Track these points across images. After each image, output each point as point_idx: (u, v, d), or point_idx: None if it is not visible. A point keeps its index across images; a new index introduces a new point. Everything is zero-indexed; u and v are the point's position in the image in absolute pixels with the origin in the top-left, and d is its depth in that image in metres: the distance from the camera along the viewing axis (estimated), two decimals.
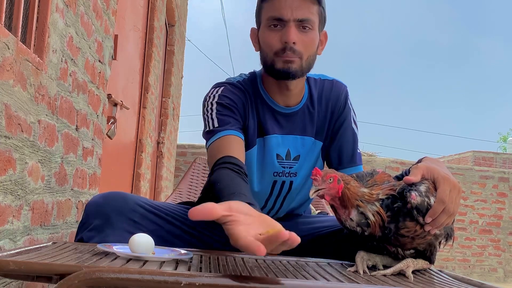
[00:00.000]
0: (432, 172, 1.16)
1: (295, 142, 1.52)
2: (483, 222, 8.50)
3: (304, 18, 1.42)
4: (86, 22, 1.92)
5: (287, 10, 1.41)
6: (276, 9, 1.43)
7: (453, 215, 1.14)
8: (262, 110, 1.51)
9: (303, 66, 1.44)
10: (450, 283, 1.09)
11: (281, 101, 1.51)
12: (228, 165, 1.28)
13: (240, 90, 1.50)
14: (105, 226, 1.33)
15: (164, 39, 4.92)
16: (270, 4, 1.45)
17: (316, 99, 1.55)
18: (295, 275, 1.04)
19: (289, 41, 1.40)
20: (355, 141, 1.57)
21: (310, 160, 1.54)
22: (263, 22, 1.47)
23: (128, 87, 3.28)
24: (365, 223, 1.14)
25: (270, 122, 1.50)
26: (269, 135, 1.50)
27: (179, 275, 0.81)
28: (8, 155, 1.30)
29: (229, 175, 1.25)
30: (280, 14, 1.42)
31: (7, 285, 1.39)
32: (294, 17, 1.41)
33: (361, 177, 1.26)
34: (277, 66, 1.44)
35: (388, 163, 8.28)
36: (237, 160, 1.31)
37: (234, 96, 1.48)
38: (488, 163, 12.48)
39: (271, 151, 1.50)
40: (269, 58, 1.45)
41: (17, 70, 1.33)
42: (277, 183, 1.53)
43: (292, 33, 1.41)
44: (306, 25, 1.43)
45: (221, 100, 1.46)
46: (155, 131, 4.72)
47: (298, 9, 1.42)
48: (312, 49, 1.46)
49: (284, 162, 1.51)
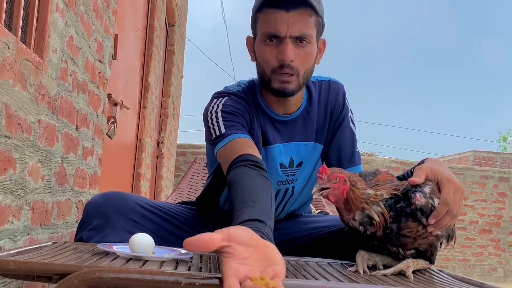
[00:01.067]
0: (436, 173, 1.16)
1: (297, 148, 1.50)
2: (483, 222, 8.49)
3: (301, 33, 1.37)
4: (86, 22, 1.92)
5: (283, 27, 1.36)
6: (272, 25, 1.37)
7: (456, 216, 1.14)
8: (262, 120, 1.48)
9: (300, 82, 1.41)
10: (450, 283, 1.09)
11: (280, 110, 1.48)
12: (246, 163, 1.22)
13: (242, 99, 1.46)
14: (105, 225, 1.33)
15: (164, 39, 4.92)
16: (266, 17, 1.39)
17: (314, 102, 1.53)
18: (295, 275, 1.04)
19: (286, 60, 1.36)
20: (354, 141, 1.56)
21: (311, 163, 1.53)
22: (258, 35, 1.42)
23: (128, 87, 3.28)
24: (368, 222, 1.14)
25: (271, 132, 1.47)
26: (271, 145, 1.47)
27: (179, 275, 0.81)
28: (8, 154, 1.30)
29: (247, 173, 1.19)
30: (276, 31, 1.37)
31: (7, 285, 1.39)
32: (290, 34, 1.36)
33: (364, 177, 1.25)
34: (273, 85, 1.40)
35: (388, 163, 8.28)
36: (254, 156, 1.25)
37: (239, 105, 1.43)
38: (488, 163, 12.48)
39: (274, 161, 1.47)
40: (266, 75, 1.42)
41: (17, 70, 1.33)
42: (281, 191, 1.52)
43: (289, 51, 1.36)
44: (303, 40, 1.38)
45: (226, 108, 1.41)
46: (155, 131, 4.72)
47: (294, 24, 1.36)
48: (310, 63, 1.42)
49: (287, 171, 1.49)
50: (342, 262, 1.28)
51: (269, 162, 1.46)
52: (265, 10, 1.38)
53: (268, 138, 1.47)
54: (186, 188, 2.38)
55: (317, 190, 1.14)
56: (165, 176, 5.46)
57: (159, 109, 5.06)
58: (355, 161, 1.56)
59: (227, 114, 1.40)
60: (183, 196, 2.32)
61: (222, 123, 1.38)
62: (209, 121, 1.41)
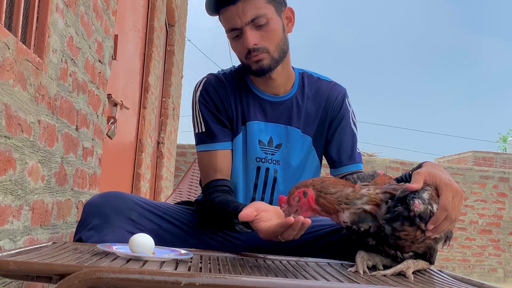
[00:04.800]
0: (434, 178, 1.15)
1: (278, 130, 1.55)
2: (483, 222, 8.50)
3: (253, 17, 1.44)
4: (86, 22, 1.92)
5: (236, 19, 1.45)
6: (228, 21, 1.47)
7: (455, 221, 1.14)
8: (246, 98, 1.55)
9: (274, 56, 1.48)
10: (450, 283, 1.09)
11: (267, 90, 1.56)
12: (219, 188, 1.49)
13: (219, 83, 1.57)
14: (104, 225, 1.33)
15: (164, 39, 4.93)
16: (222, 16, 1.49)
17: (308, 94, 1.57)
18: (295, 275, 1.04)
19: (248, 46, 1.45)
20: (354, 141, 1.58)
21: (299, 153, 1.55)
22: (226, 34, 1.52)
23: (128, 87, 3.28)
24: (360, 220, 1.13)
25: (254, 109, 1.55)
26: (251, 121, 1.54)
27: (179, 275, 0.81)
28: (8, 155, 1.30)
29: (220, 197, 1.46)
30: (232, 25, 1.46)
31: (7, 285, 1.39)
32: (244, 22, 1.44)
33: (362, 178, 1.25)
34: (252, 67, 1.49)
35: (388, 163, 8.28)
36: (226, 181, 1.51)
37: (212, 93, 1.55)
38: (488, 163, 12.48)
39: (253, 137, 1.53)
40: (243, 63, 1.53)
41: (17, 70, 1.33)
42: (261, 170, 1.54)
43: (248, 38, 1.44)
44: (260, 21, 1.45)
45: (202, 98, 1.55)
46: (155, 131, 4.72)
47: (244, 12, 1.44)
48: (277, 37, 1.48)
49: (266, 148, 1.54)
50: (342, 262, 1.28)
51: (249, 137, 1.54)
52: (221, 10, 1.49)
53: (249, 114, 1.55)
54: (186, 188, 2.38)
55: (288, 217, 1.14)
56: (165, 176, 5.46)
57: (159, 110, 5.06)
58: (355, 159, 1.57)
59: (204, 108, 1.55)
60: (183, 196, 2.32)
61: (202, 121, 1.55)
62: (192, 106, 1.59)
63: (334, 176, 1.59)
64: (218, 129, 1.54)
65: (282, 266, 1.15)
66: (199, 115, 1.56)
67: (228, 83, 1.57)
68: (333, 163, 1.58)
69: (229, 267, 1.07)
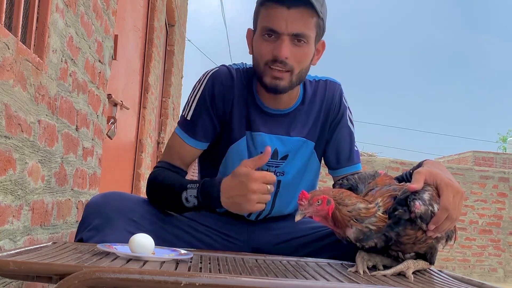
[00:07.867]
0: (435, 177, 1.15)
1: (282, 142, 1.49)
2: (483, 222, 8.50)
3: (299, 33, 1.37)
4: (86, 22, 1.92)
5: (281, 23, 1.36)
6: (271, 20, 1.38)
7: (456, 220, 1.14)
8: (250, 106, 1.49)
9: (292, 81, 1.41)
10: (450, 283, 1.09)
11: (270, 104, 1.49)
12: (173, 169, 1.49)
13: (228, 81, 1.49)
14: (105, 225, 1.33)
15: (164, 39, 4.93)
16: (267, 11, 1.40)
17: (310, 100, 1.53)
18: (295, 275, 1.04)
19: (280, 56, 1.37)
20: (352, 139, 1.56)
21: (301, 159, 1.52)
22: (258, 29, 1.43)
23: (128, 87, 3.28)
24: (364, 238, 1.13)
25: (257, 120, 1.48)
26: (256, 132, 1.48)
27: (179, 275, 0.81)
28: (8, 155, 1.30)
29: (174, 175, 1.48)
30: (274, 26, 1.37)
31: (7, 285, 1.39)
32: (288, 31, 1.36)
33: (362, 179, 1.25)
34: (265, 80, 1.41)
35: (388, 163, 8.28)
36: (183, 172, 1.51)
37: (217, 89, 1.48)
38: (488, 163, 12.47)
39: (257, 149, 1.48)
40: (260, 68, 1.42)
41: (17, 70, 1.33)
42: None
43: (284, 48, 1.36)
44: (301, 39, 1.38)
45: (204, 93, 1.49)
46: (155, 131, 4.72)
47: (294, 22, 1.36)
48: (305, 63, 1.42)
49: (270, 162, 1.47)
50: (342, 262, 1.28)
51: (253, 149, 1.49)
52: (267, 4, 1.39)
53: (255, 125, 1.49)
54: None
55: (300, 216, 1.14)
56: None
57: (159, 110, 5.06)
58: (354, 160, 1.56)
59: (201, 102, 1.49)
60: None
61: (192, 112, 1.50)
62: (191, 92, 1.53)
63: (333, 178, 1.58)
64: (202, 125, 1.48)
65: (282, 266, 1.15)
66: (193, 102, 1.50)
67: (237, 84, 1.49)
68: (332, 166, 1.57)
69: (229, 267, 1.07)
